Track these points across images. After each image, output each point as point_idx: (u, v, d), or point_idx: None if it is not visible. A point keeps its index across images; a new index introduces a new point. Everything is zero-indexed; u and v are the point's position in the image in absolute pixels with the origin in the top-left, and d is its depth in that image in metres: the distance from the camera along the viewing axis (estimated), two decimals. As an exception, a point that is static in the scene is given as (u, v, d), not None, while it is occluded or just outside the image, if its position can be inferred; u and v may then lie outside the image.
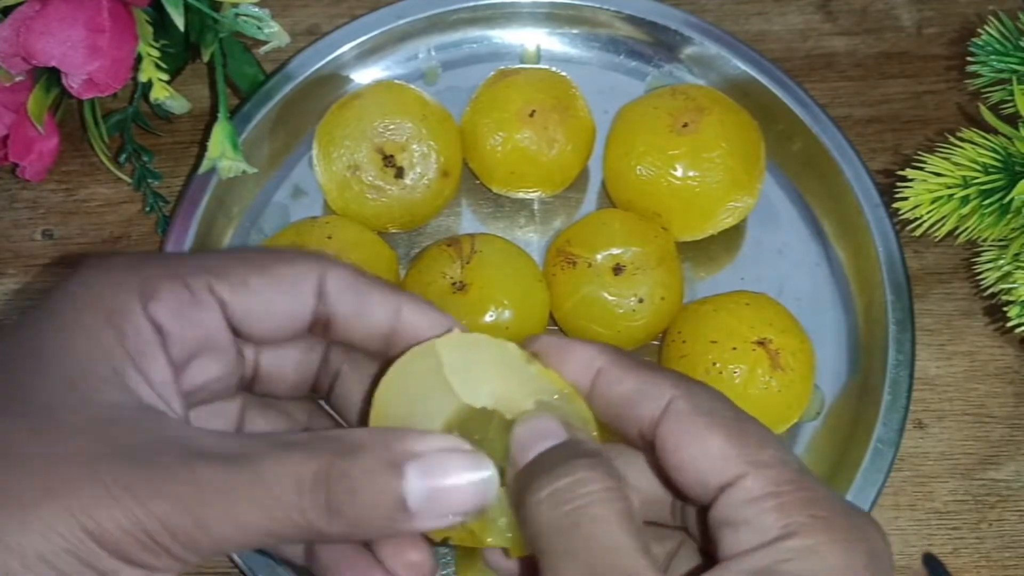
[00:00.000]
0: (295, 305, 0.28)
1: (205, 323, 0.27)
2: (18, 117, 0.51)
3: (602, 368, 0.28)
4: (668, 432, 0.27)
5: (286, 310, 0.28)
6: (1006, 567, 0.48)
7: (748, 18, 0.60)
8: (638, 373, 0.28)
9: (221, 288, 0.27)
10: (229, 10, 0.52)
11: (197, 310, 0.27)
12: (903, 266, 0.51)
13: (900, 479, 0.49)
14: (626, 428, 0.28)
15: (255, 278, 0.28)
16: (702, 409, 0.27)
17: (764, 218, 0.54)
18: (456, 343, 0.28)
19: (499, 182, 0.53)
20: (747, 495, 0.25)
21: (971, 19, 0.59)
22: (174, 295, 0.27)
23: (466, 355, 0.28)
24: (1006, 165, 0.46)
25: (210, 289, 0.27)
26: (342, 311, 0.28)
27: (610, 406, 0.28)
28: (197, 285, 0.27)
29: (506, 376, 0.28)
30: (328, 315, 0.28)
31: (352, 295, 0.28)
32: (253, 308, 0.28)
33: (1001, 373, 0.52)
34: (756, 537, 0.25)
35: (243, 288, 0.27)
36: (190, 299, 0.27)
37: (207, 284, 0.27)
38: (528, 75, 0.52)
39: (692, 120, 0.49)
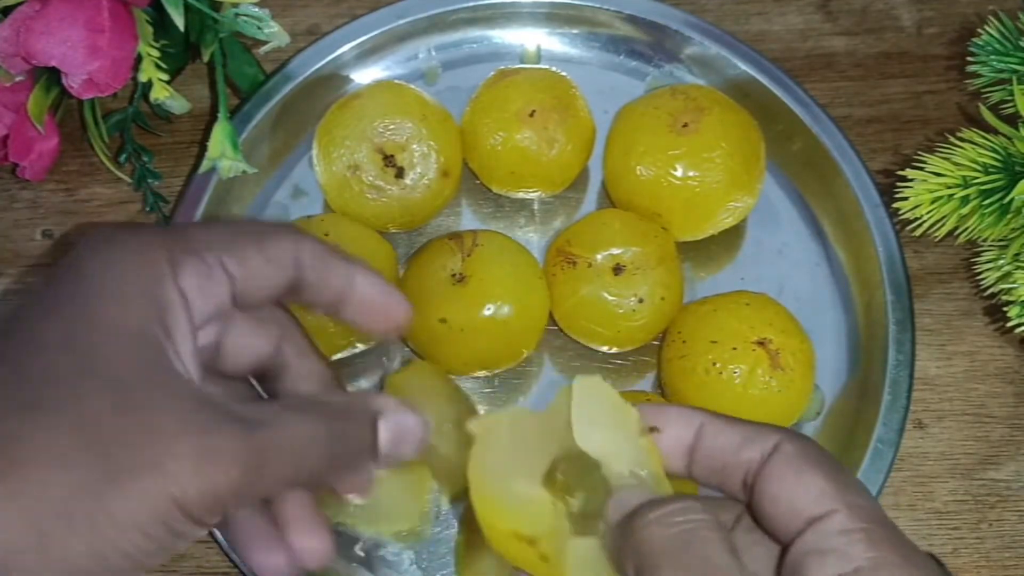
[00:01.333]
0: (280, 276, 0.31)
1: (218, 295, 0.30)
2: (18, 117, 0.51)
3: (705, 423, 0.30)
4: (774, 468, 0.29)
5: (273, 281, 0.31)
6: (1006, 567, 0.48)
7: (748, 18, 0.60)
8: (742, 424, 0.30)
9: (229, 263, 0.30)
10: (229, 10, 0.52)
11: (213, 284, 0.29)
12: (903, 266, 0.51)
13: (900, 479, 0.49)
14: (730, 476, 0.30)
15: (252, 253, 0.30)
16: (807, 451, 0.29)
17: (764, 218, 0.54)
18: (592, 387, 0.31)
19: (499, 182, 0.53)
20: (839, 527, 0.27)
21: (971, 19, 0.59)
22: (196, 269, 0.29)
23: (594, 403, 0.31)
24: (1006, 165, 0.46)
25: (222, 264, 0.30)
26: (310, 278, 0.32)
27: (715, 456, 0.30)
28: (212, 260, 0.29)
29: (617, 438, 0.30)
30: (299, 281, 0.32)
31: (318, 263, 0.32)
32: (250, 280, 0.30)
33: (1001, 373, 0.52)
34: (844, 565, 0.26)
35: (244, 263, 0.30)
36: (208, 273, 0.29)
37: (219, 260, 0.30)
38: (528, 75, 0.52)
39: (692, 120, 0.49)
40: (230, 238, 0.30)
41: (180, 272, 0.28)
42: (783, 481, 0.28)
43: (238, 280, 0.30)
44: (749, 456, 0.29)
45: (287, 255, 0.31)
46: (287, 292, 0.32)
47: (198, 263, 0.29)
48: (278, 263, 0.31)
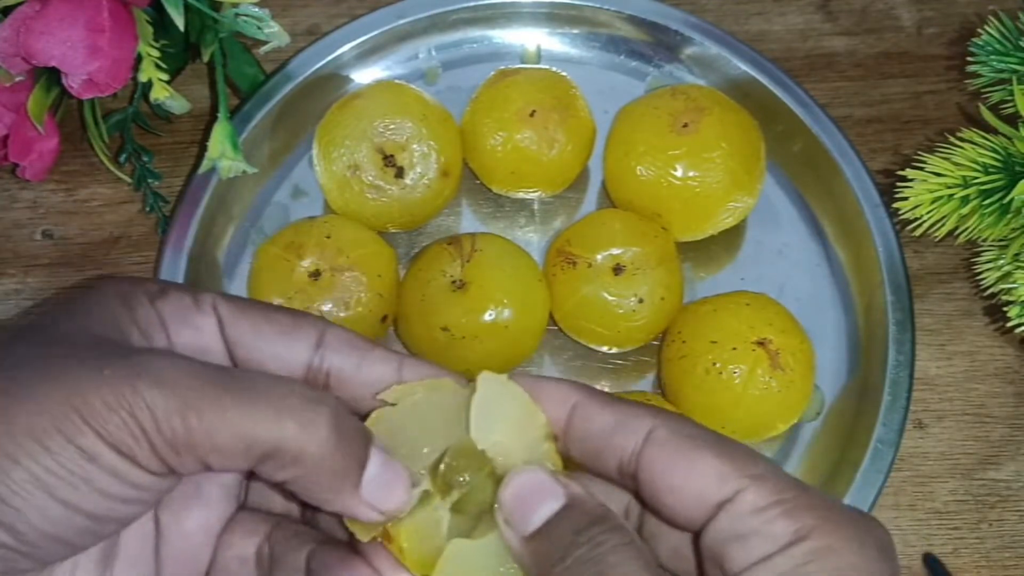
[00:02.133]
0: (290, 350, 0.29)
1: (203, 329, 0.28)
2: (18, 117, 0.51)
3: (577, 403, 0.29)
4: (654, 458, 0.27)
5: (279, 351, 0.29)
6: (1006, 567, 0.48)
7: (748, 18, 0.60)
8: (615, 407, 0.28)
9: (223, 308, 0.28)
10: (229, 10, 0.52)
11: (198, 315, 0.28)
12: (903, 266, 0.51)
13: (900, 479, 0.49)
14: (605, 463, 0.28)
15: (257, 313, 0.29)
16: (684, 433, 0.27)
17: (764, 218, 0.54)
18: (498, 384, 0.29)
19: (499, 182, 0.53)
20: (751, 506, 0.26)
21: (971, 19, 0.59)
22: (179, 299, 0.28)
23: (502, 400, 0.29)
24: (1006, 165, 0.46)
25: (213, 305, 0.28)
26: (341, 365, 0.29)
27: (587, 441, 0.28)
28: (202, 298, 0.29)
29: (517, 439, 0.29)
30: (326, 369, 0.29)
31: (351, 351, 0.29)
32: (247, 339, 0.28)
33: (1001, 373, 0.52)
34: (768, 545, 0.25)
35: (243, 316, 0.28)
36: (192, 305, 0.28)
37: (212, 301, 0.29)
38: (528, 75, 0.52)
39: (692, 120, 0.49)
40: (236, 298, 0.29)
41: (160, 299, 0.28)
42: (675, 469, 0.27)
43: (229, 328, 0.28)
44: (622, 443, 0.27)
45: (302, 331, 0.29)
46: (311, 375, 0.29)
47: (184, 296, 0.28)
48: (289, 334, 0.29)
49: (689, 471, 0.26)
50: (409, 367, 0.29)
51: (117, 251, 0.54)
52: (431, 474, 0.29)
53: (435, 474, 0.28)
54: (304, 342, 0.29)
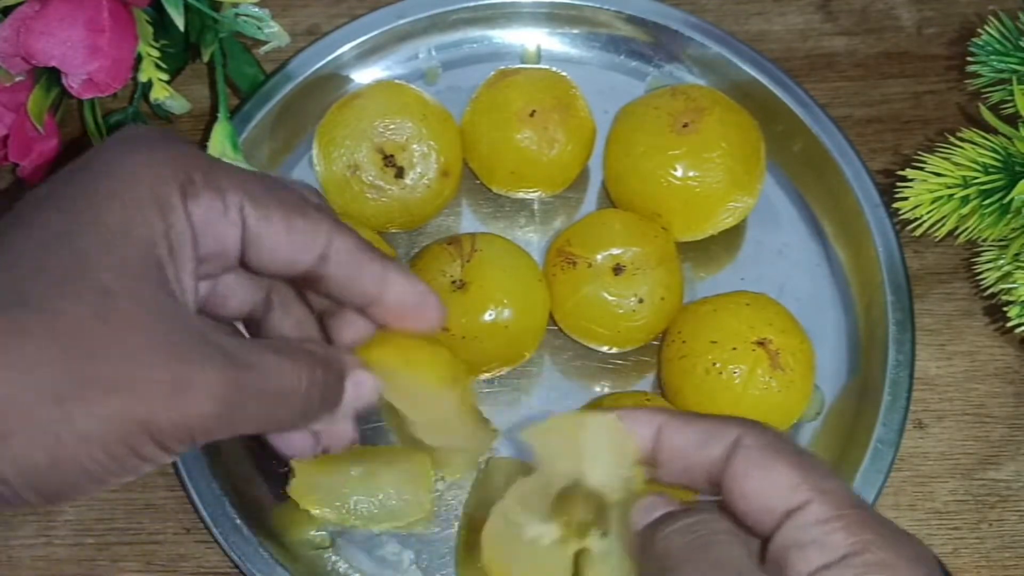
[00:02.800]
0: (298, 256, 0.30)
1: (227, 236, 0.29)
2: (18, 117, 0.51)
3: (663, 423, 0.30)
4: (738, 464, 0.28)
5: (289, 256, 0.30)
6: (1006, 567, 0.48)
7: (748, 18, 0.60)
8: (701, 421, 0.30)
9: (249, 212, 0.29)
10: (229, 10, 0.52)
11: (225, 224, 0.29)
12: (903, 266, 0.51)
13: (900, 479, 0.49)
14: (694, 474, 0.30)
15: (278, 217, 0.29)
16: (768, 442, 0.28)
17: (764, 218, 0.54)
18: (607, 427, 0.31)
19: (499, 182, 0.53)
20: (814, 518, 0.27)
21: (971, 19, 0.59)
22: (211, 204, 0.28)
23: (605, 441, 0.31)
24: (1006, 165, 0.47)
25: (241, 208, 0.29)
26: (338, 274, 0.31)
27: (677, 455, 0.30)
28: (231, 201, 0.29)
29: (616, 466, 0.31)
30: (324, 272, 0.31)
31: (350, 261, 0.31)
32: (266, 242, 0.30)
33: (1001, 373, 0.52)
34: (827, 555, 0.26)
35: (265, 221, 0.29)
36: (222, 211, 0.28)
37: (239, 203, 0.29)
38: (528, 75, 0.52)
39: (692, 120, 0.49)
40: (261, 192, 0.29)
41: (194, 200, 0.28)
42: (751, 477, 0.28)
43: (250, 231, 0.29)
44: (710, 454, 0.29)
45: (314, 241, 0.30)
46: (303, 278, 0.31)
47: (215, 198, 0.28)
48: (301, 243, 0.30)
49: (764, 479, 0.28)
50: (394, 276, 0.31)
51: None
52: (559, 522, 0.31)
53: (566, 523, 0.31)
54: (312, 249, 0.30)
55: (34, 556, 0.47)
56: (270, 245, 0.30)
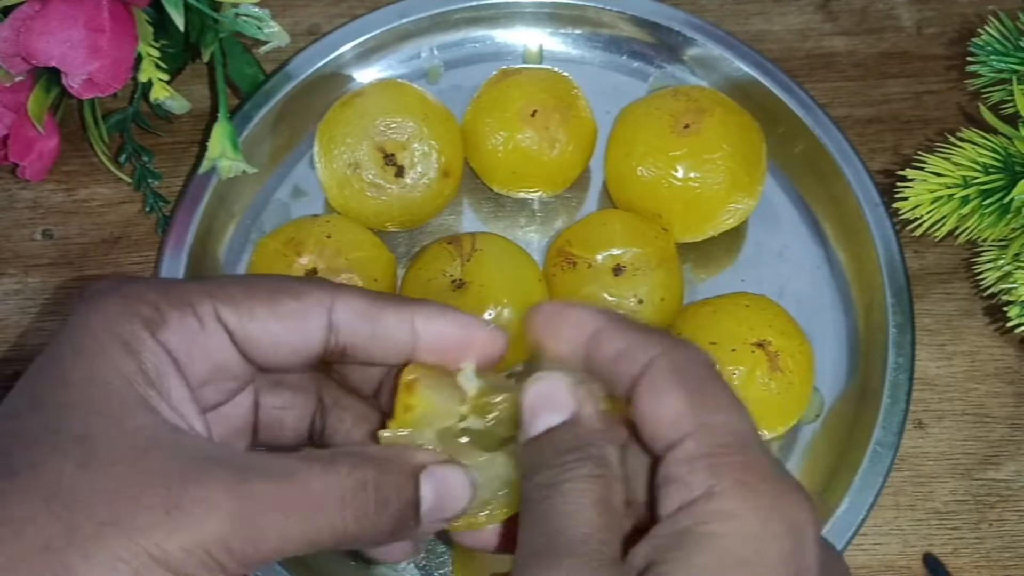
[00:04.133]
0: (303, 338, 0.28)
1: (215, 350, 0.27)
2: (18, 117, 0.51)
3: (597, 329, 0.28)
4: (642, 386, 0.26)
5: (294, 344, 0.28)
6: (1006, 567, 0.48)
7: (748, 18, 0.60)
8: (630, 333, 0.27)
9: (227, 315, 0.27)
10: (229, 10, 0.52)
11: (205, 337, 0.27)
12: (903, 269, 0.51)
13: (900, 479, 0.49)
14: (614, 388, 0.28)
15: (261, 309, 0.28)
16: (675, 367, 0.26)
17: (765, 220, 0.54)
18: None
19: (500, 182, 0.53)
20: (685, 454, 0.25)
21: (971, 19, 0.59)
22: (182, 323, 0.27)
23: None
24: (1006, 165, 0.47)
25: (217, 316, 0.27)
26: (355, 339, 0.29)
27: (602, 367, 0.28)
28: (204, 312, 0.27)
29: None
30: (341, 344, 0.29)
31: (363, 322, 0.29)
32: (261, 339, 0.28)
33: (1001, 373, 0.52)
34: (683, 496, 0.25)
35: (249, 318, 0.28)
36: (198, 327, 0.27)
37: (213, 311, 0.27)
38: (530, 75, 0.52)
39: (693, 121, 0.49)
40: (228, 291, 0.28)
41: (162, 327, 0.26)
42: (644, 402, 0.26)
43: (239, 334, 0.27)
44: (625, 370, 0.27)
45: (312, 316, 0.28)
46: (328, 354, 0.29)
47: (187, 317, 0.27)
48: (300, 325, 0.28)
49: (656, 406, 0.26)
50: (422, 320, 0.29)
51: (117, 251, 0.54)
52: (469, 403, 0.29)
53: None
54: (315, 326, 0.28)
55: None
56: (267, 340, 0.28)
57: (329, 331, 0.28)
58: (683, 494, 0.25)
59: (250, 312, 0.28)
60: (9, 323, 0.52)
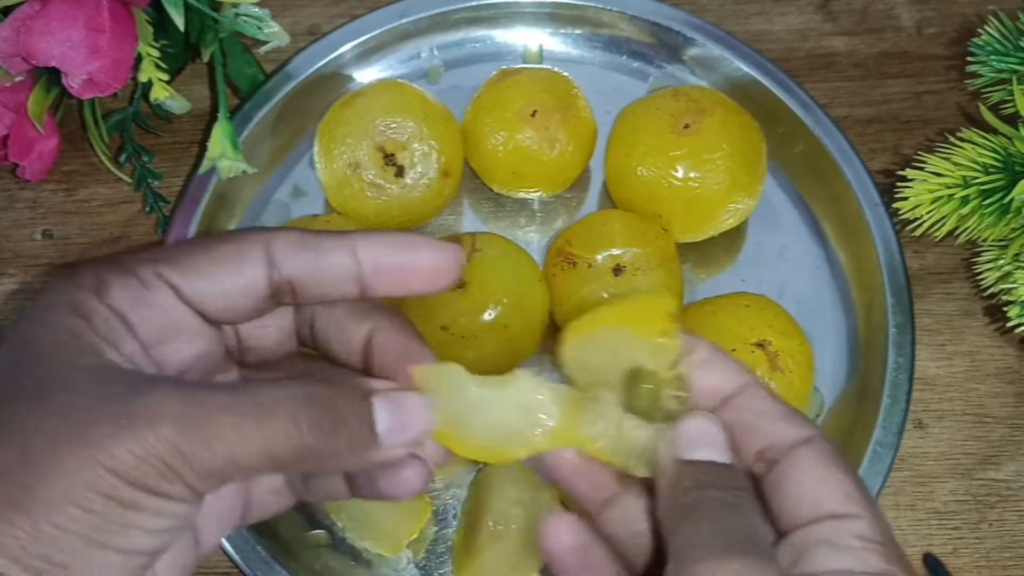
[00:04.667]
0: (246, 279, 0.28)
1: (162, 307, 0.28)
2: (18, 117, 0.51)
3: (750, 383, 0.30)
4: (805, 456, 0.28)
5: (238, 285, 0.28)
6: (1006, 567, 0.48)
7: (748, 18, 0.60)
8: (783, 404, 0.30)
9: (169, 273, 0.28)
10: (229, 10, 0.52)
11: (150, 295, 0.28)
12: (903, 269, 0.51)
13: (900, 479, 0.49)
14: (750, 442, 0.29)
15: (200, 259, 0.28)
16: (836, 453, 0.29)
17: (765, 220, 0.54)
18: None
19: (500, 182, 0.53)
20: (859, 531, 0.27)
21: (971, 19, 0.59)
22: (125, 284, 0.27)
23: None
24: (1006, 165, 0.47)
25: (158, 275, 0.28)
26: (298, 272, 0.29)
27: (747, 416, 0.29)
28: (145, 274, 0.28)
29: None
30: (287, 280, 0.29)
31: (302, 253, 0.29)
32: (206, 289, 0.28)
33: (1001, 373, 0.52)
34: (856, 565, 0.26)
35: (191, 271, 0.28)
36: (140, 286, 0.28)
37: (155, 272, 0.28)
38: (530, 75, 0.52)
39: (694, 121, 0.49)
40: (168, 252, 0.28)
41: (107, 290, 0.27)
42: (812, 471, 0.28)
43: (184, 289, 0.28)
44: (781, 432, 0.29)
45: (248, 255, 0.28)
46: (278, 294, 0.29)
47: (127, 279, 0.27)
48: (238, 265, 0.28)
49: (823, 479, 0.28)
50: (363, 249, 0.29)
51: (117, 251, 0.54)
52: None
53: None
54: (254, 265, 0.28)
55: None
56: (210, 288, 0.28)
57: (270, 267, 0.28)
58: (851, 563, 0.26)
59: (188, 264, 0.28)
60: (9, 323, 0.52)
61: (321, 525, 0.48)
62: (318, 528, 0.48)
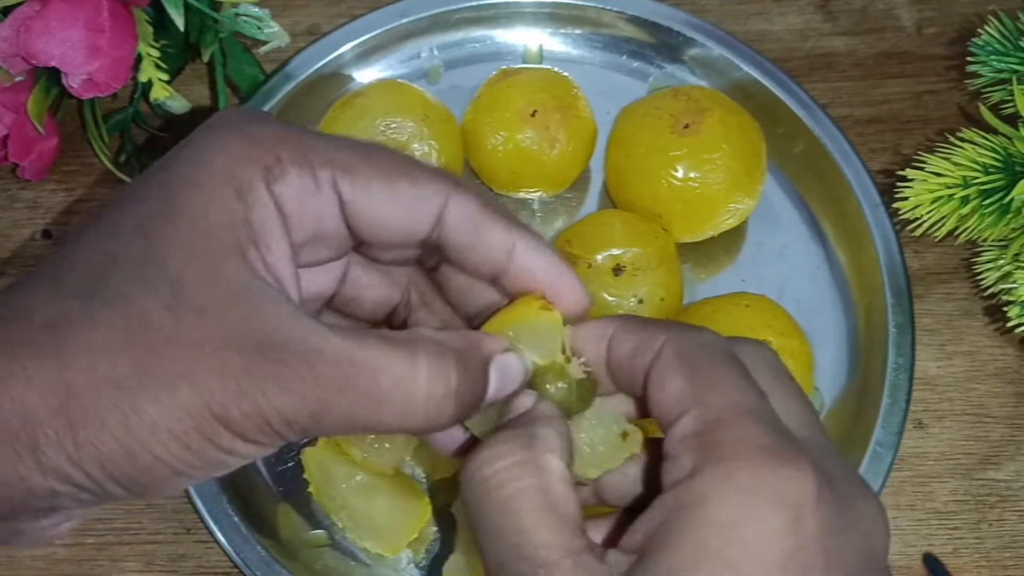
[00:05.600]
0: (411, 223, 0.28)
1: (324, 215, 0.27)
2: (18, 117, 0.51)
3: (611, 335, 0.29)
4: (652, 374, 0.27)
5: (401, 225, 0.28)
6: (1006, 567, 0.48)
7: (748, 18, 0.60)
8: (640, 330, 0.28)
9: (344, 184, 0.27)
10: (229, 10, 0.52)
11: (319, 201, 0.27)
12: (903, 269, 0.51)
13: (900, 479, 0.49)
14: (634, 387, 0.28)
15: (378, 185, 0.27)
16: (679, 351, 0.27)
17: (765, 220, 0.54)
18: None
19: (500, 182, 0.53)
20: (680, 432, 0.25)
21: (971, 19, 0.59)
22: (300, 181, 0.26)
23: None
24: (1006, 165, 0.47)
25: (334, 183, 0.27)
26: (457, 240, 0.29)
27: (620, 369, 0.28)
28: (323, 176, 0.27)
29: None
30: (442, 240, 0.29)
31: (470, 226, 0.28)
32: (370, 213, 0.28)
33: (1001, 373, 0.52)
34: (674, 475, 0.25)
35: (364, 191, 0.27)
36: (314, 188, 0.27)
37: (332, 177, 0.27)
38: (530, 75, 0.52)
39: (693, 121, 0.49)
40: (350, 159, 0.27)
41: (280, 180, 0.26)
42: (653, 386, 0.27)
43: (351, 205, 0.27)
44: (638, 364, 0.28)
45: (425, 205, 0.28)
46: (425, 247, 0.29)
47: (304, 175, 0.26)
48: (411, 210, 0.28)
49: (662, 388, 0.27)
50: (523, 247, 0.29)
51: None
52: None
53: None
54: (425, 216, 0.28)
55: (34, 556, 0.47)
56: (373, 215, 0.27)
57: (436, 224, 0.28)
58: (674, 474, 0.25)
59: (366, 186, 0.27)
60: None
61: (321, 525, 0.48)
62: (318, 528, 0.48)
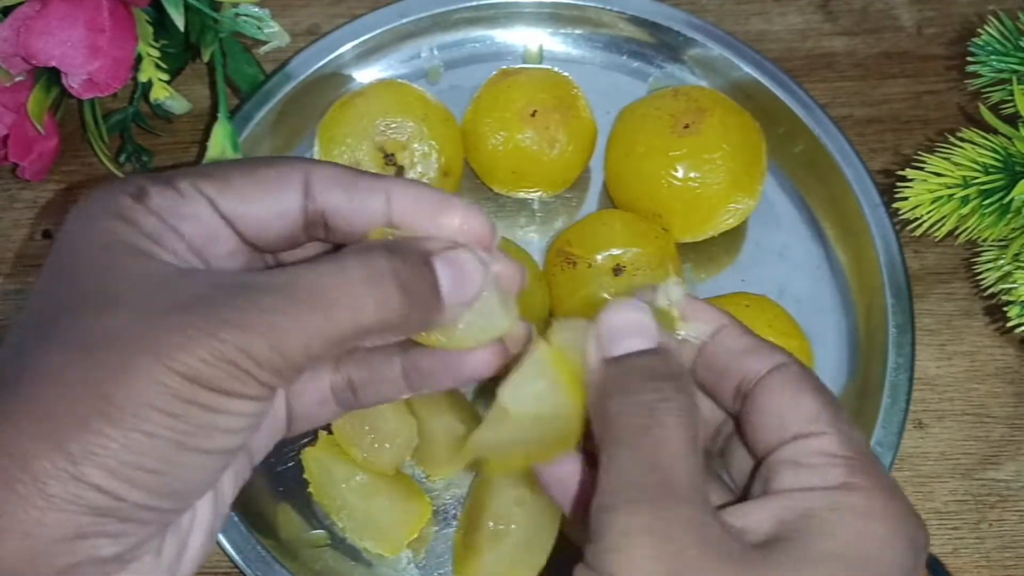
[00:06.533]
0: (281, 202, 0.29)
1: (200, 216, 0.28)
2: (18, 117, 0.51)
3: (727, 325, 0.30)
4: (773, 380, 0.28)
5: (274, 210, 0.29)
6: (1006, 567, 0.48)
7: (748, 18, 0.60)
8: (758, 338, 0.30)
9: (206, 186, 0.28)
10: (229, 10, 0.52)
11: (187, 205, 0.28)
12: (903, 269, 0.51)
13: (900, 479, 0.49)
14: (727, 381, 0.30)
15: (239, 179, 0.28)
16: (809, 376, 0.29)
17: (765, 220, 0.54)
18: None
19: (500, 182, 0.53)
20: (823, 448, 0.27)
21: (971, 19, 0.59)
22: (163, 193, 0.28)
23: None
24: (1006, 165, 0.47)
25: (196, 188, 0.28)
26: (332, 204, 0.29)
27: (720, 356, 0.30)
28: (183, 185, 0.28)
29: None
30: (320, 212, 0.29)
31: (339, 188, 0.29)
32: (243, 209, 0.29)
33: (1001, 373, 0.52)
34: (816, 480, 0.26)
35: (227, 187, 0.28)
36: (177, 195, 0.28)
37: (192, 184, 0.28)
38: (530, 75, 0.52)
39: (693, 121, 0.49)
40: (206, 168, 0.29)
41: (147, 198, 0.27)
42: (778, 395, 0.28)
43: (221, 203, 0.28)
44: (752, 365, 0.29)
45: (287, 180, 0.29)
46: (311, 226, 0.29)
47: (166, 190, 0.28)
48: (275, 188, 0.29)
49: (791, 400, 0.28)
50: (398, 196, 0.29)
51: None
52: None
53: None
54: (292, 192, 0.29)
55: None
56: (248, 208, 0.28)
57: (306, 197, 0.29)
58: (813, 478, 0.27)
59: (226, 181, 0.28)
60: (9, 323, 0.52)
61: (321, 525, 0.48)
62: (318, 528, 0.48)
